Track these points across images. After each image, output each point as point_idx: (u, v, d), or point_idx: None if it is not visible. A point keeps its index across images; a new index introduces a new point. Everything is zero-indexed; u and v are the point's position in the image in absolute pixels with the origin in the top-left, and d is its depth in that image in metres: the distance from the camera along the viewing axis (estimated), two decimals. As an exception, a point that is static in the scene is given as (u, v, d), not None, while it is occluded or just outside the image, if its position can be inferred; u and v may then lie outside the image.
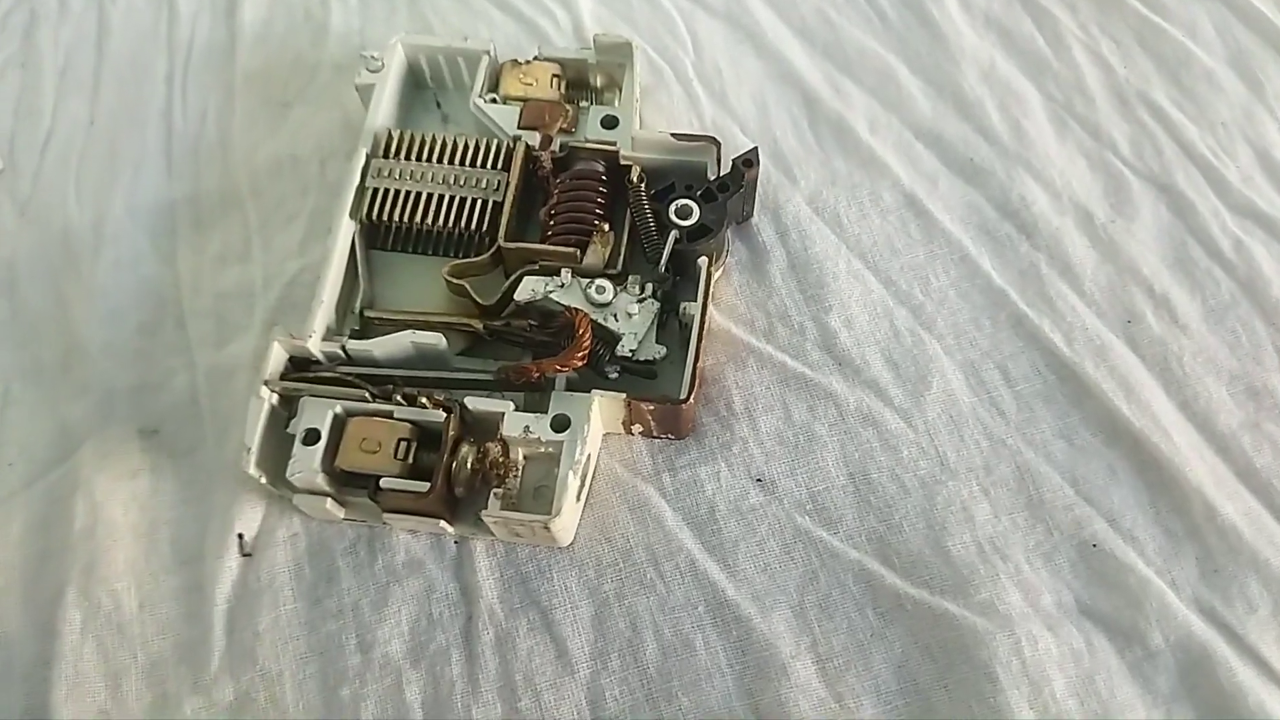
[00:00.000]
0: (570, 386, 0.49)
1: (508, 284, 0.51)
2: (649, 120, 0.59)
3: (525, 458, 0.49)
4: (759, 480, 0.50)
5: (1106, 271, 0.55)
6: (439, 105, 0.59)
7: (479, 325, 0.51)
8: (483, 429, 0.49)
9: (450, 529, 0.49)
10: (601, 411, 0.48)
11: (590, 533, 0.49)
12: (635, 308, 0.49)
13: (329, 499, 0.48)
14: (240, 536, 0.50)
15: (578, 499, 0.48)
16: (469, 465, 0.47)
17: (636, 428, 0.50)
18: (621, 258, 0.51)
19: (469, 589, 0.48)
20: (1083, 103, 0.60)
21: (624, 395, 0.47)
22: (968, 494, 0.50)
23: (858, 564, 0.48)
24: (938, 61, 0.61)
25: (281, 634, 0.48)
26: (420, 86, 0.60)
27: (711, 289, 0.50)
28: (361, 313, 0.52)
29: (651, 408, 0.48)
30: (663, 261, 0.50)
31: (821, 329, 0.53)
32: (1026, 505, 0.49)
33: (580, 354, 0.48)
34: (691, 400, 0.47)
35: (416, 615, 0.48)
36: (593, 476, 0.50)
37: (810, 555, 0.49)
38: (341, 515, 0.49)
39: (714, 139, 0.52)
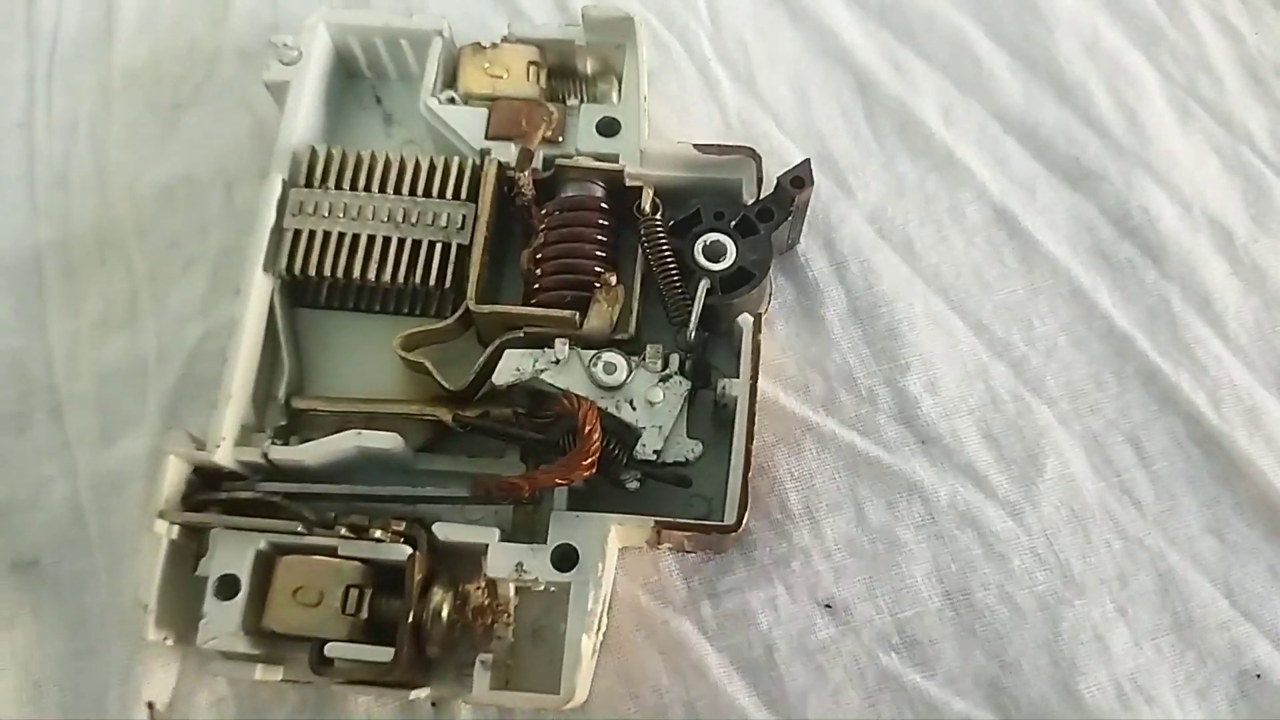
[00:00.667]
0: (575, 500, 0.37)
1: (483, 359, 0.38)
2: (654, 115, 0.45)
3: (517, 592, 0.37)
4: (828, 606, 0.39)
5: (1252, 306, 0.43)
6: (379, 101, 0.46)
7: (446, 416, 0.38)
8: (458, 559, 0.37)
9: (423, 693, 0.37)
10: (619, 535, 0.36)
11: (610, 686, 0.38)
12: (658, 392, 0.36)
13: (258, 664, 0.36)
14: (150, 706, 0.38)
15: (592, 654, 0.36)
16: (444, 616, 0.35)
17: (664, 544, 0.38)
18: (635, 317, 0.39)
19: (452, 770, 0.37)
20: (1208, 82, 0.47)
21: (652, 521, 0.35)
22: (1100, 616, 0.39)
23: (964, 718, 0.37)
24: (1026, 29, 0.48)
25: (209, 841, 0.37)
26: (354, 75, 0.46)
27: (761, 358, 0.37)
28: (288, 402, 0.39)
29: (688, 536, 0.36)
30: (692, 324, 0.38)
31: (897, 395, 0.41)
32: (1173, 626, 0.39)
33: (588, 460, 0.35)
34: (745, 524, 0.35)
35: (385, 809, 0.37)
36: (607, 607, 0.38)
37: (901, 708, 0.38)
38: (279, 676, 0.38)
39: (752, 150, 0.40)
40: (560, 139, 0.41)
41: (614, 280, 0.37)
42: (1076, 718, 0.37)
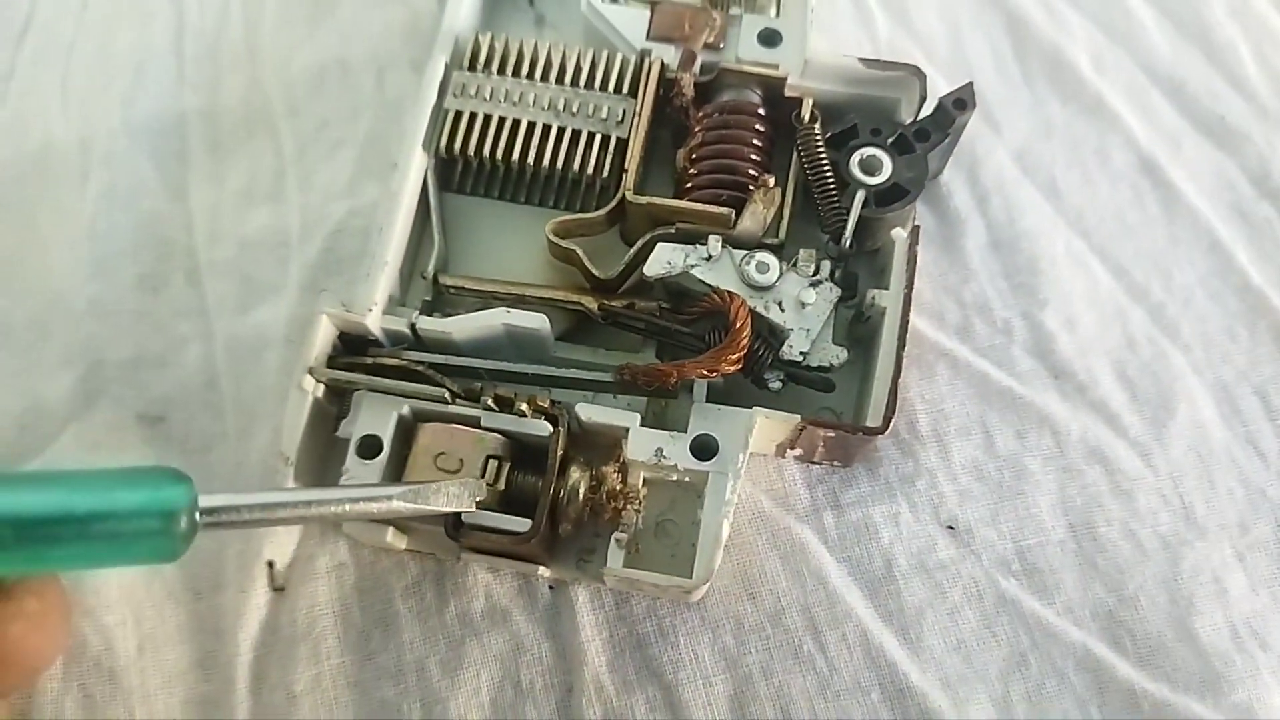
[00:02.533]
0: (713, 396, 0.38)
1: (633, 252, 0.40)
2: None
3: (645, 483, 0.39)
4: (950, 528, 0.40)
5: (1395, 269, 0.44)
6: (531, 3, 0.47)
7: (592, 305, 0.40)
8: (592, 446, 0.39)
9: (546, 572, 0.39)
10: (762, 429, 0.38)
11: (728, 585, 0.39)
12: (811, 294, 0.38)
13: (390, 527, 0.38)
14: (270, 565, 0.40)
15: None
16: (581, 495, 0.37)
17: (795, 451, 0.40)
18: (784, 224, 0.40)
19: (569, 651, 0.38)
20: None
21: (797, 417, 0.37)
22: (1219, 560, 0.40)
23: (1080, 647, 0.38)
24: (1177, -15, 0.49)
25: (325, 697, 0.38)
26: (508, -23, 0.48)
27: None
28: (435, 279, 0.41)
29: (832, 435, 0.37)
30: (847, 232, 0.39)
31: (1034, 329, 0.42)
32: (1293, 576, 0.39)
33: (736, 355, 0.37)
34: (891, 427, 0.36)
35: (500, 682, 0.38)
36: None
37: (1018, 632, 0.38)
38: (403, 546, 0.39)
39: (916, 69, 0.41)
40: (721, 46, 0.42)
41: (772, 182, 0.39)
42: (1191, 655, 0.38)
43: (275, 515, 0.30)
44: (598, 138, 0.41)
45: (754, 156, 0.40)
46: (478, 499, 0.35)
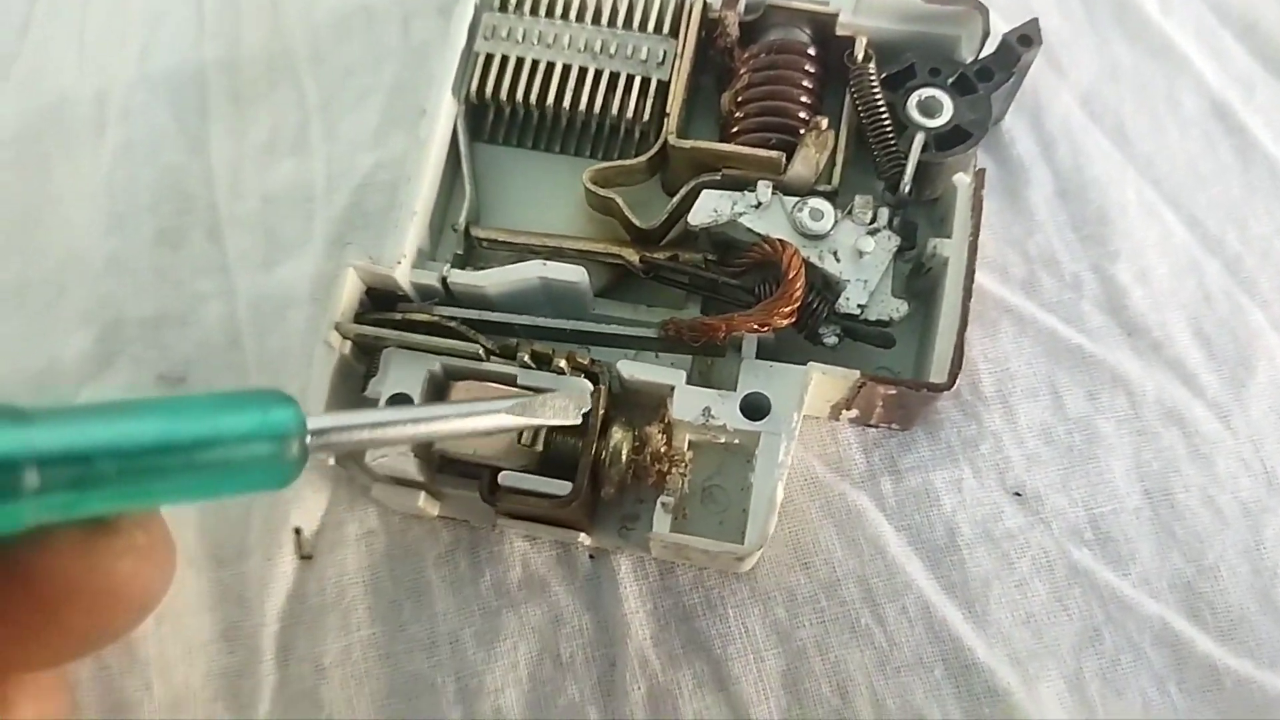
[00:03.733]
0: (763, 353, 0.35)
1: (677, 200, 0.36)
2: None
3: (690, 445, 0.35)
4: (1018, 494, 0.36)
5: None
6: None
7: (633, 257, 0.36)
8: (634, 406, 0.35)
9: (586, 540, 0.36)
10: (818, 387, 0.34)
11: (780, 554, 0.36)
12: (869, 242, 0.34)
13: (422, 491, 0.35)
14: (297, 532, 0.37)
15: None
16: (623, 458, 0.34)
17: (850, 413, 0.36)
18: (837, 170, 0.36)
19: (611, 624, 0.35)
20: None
21: (856, 373, 0.33)
22: (1306, 527, 0.36)
23: (1157, 620, 0.35)
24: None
25: (355, 669, 0.35)
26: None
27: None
28: (467, 230, 0.37)
29: (893, 393, 0.33)
30: (906, 177, 0.35)
31: (1105, 282, 0.39)
32: (1384, 547, 0.36)
33: (789, 307, 0.33)
34: (957, 384, 0.33)
35: (539, 656, 0.35)
36: (782, 474, 0.36)
37: (1091, 605, 0.35)
38: (435, 512, 0.36)
39: (980, 4, 0.37)
40: (768, -19, 0.39)
41: (825, 124, 0.35)
42: (1275, 628, 0.34)
43: (383, 435, 0.27)
44: (637, 80, 0.37)
45: (804, 99, 0.37)
46: (584, 411, 0.32)
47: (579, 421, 0.32)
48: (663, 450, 0.34)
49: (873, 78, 0.36)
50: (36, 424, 0.20)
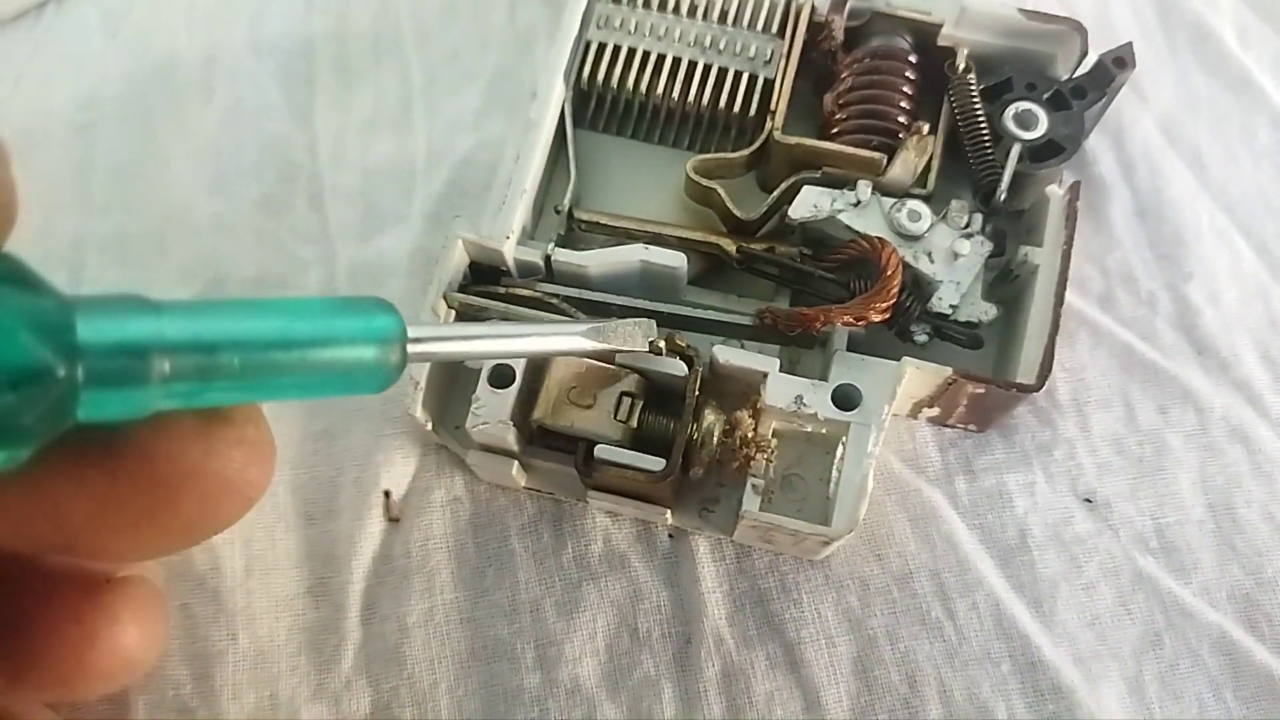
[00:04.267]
0: (852, 347, 0.36)
1: (777, 194, 0.37)
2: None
3: (775, 434, 0.36)
4: (1088, 501, 0.37)
5: None
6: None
7: (730, 247, 0.37)
8: (723, 392, 0.36)
9: (668, 518, 0.36)
10: (910, 381, 0.35)
11: (854, 544, 0.36)
12: (965, 244, 0.35)
13: (514, 461, 0.35)
14: (387, 495, 0.37)
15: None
16: (715, 440, 0.34)
17: (930, 411, 0.37)
18: (932, 175, 0.37)
19: (688, 602, 0.36)
20: None
21: (949, 370, 0.34)
22: (1363, 546, 0.37)
23: (1216, 628, 0.35)
24: (1326, -38, 0.46)
25: (437, 631, 0.35)
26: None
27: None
28: (570, 212, 0.38)
29: (981, 390, 0.34)
30: (1003, 185, 0.36)
31: (1179, 302, 0.39)
32: None
33: (885, 303, 0.34)
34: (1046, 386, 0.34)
35: (617, 629, 0.35)
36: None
37: (1153, 610, 0.36)
38: (523, 483, 0.37)
39: (1079, 24, 0.38)
40: (873, -10, 0.39)
41: (925, 129, 0.36)
42: (1335, 645, 0.35)
43: (471, 348, 0.28)
44: (744, 76, 0.38)
45: (904, 104, 0.37)
46: (650, 339, 0.33)
47: (644, 349, 0.33)
48: (751, 435, 0.35)
49: (972, 88, 0.37)
50: (166, 314, 0.21)
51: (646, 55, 0.38)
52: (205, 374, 0.21)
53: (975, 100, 0.37)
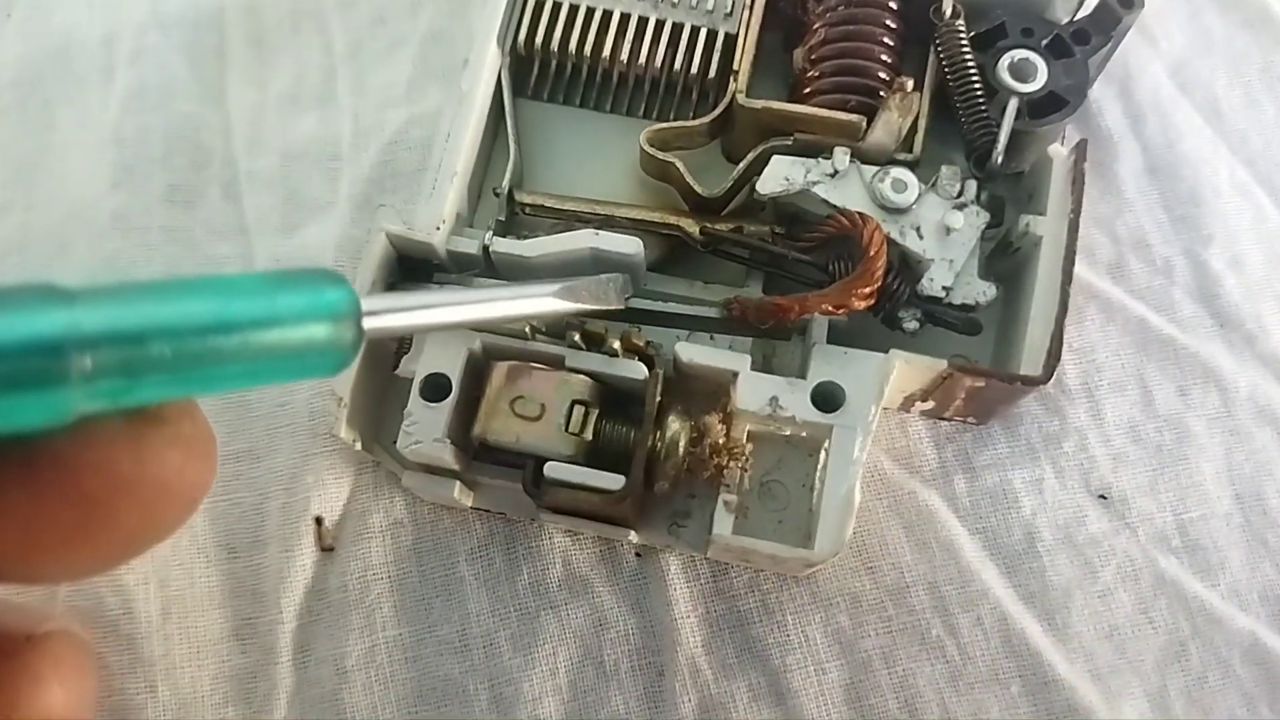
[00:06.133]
0: (834, 338, 0.30)
1: (743, 166, 0.31)
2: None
3: (750, 437, 0.31)
4: (1103, 497, 0.32)
5: None
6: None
7: (692, 228, 0.32)
8: (689, 393, 0.31)
9: (634, 537, 0.31)
10: (900, 376, 0.30)
11: (843, 557, 0.31)
12: (958, 217, 0.30)
13: (456, 480, 0.30)
14: (318, 521, 0.32)
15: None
16: (680, 450, 0.29)
17: (924, 405, 0.32)
18: (919, 138, 0.32)
19: (659, 629, 0.31)
20: None
21: (944, 362, 0.29)
22: None
23: (1248, 635, 0.31)
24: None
25: (379, 672, 0.31)
26: None
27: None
28: (510, 196, 0.33)
29: (980, 385, 0.29)
30: (999, 147, 0.31)
31: (1197, 269, 0.34)
32: None
33: (869, 288, 0.29)
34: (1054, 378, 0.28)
35: (580, 662, 0.31)
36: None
37: (1178, 618, 0.31)
38: (469, 503, 0.32)
39: (1078, -39, 0.32)
40: (844, -72, 0.34)
41: (909, 85, 0.30)
42: (1381, 649, 0.31)
43: (435, 317, 0.25)
44: (702, 33, 0.32)
45: (885, 57, 0.32)
46: (627, 297, 0.30)
47: (621, 307, 0.29)
48: (722, 442, 0.30)
49: (962, 36, 0.31)
50: (82, 303, 0.18)
51: (591, 12, 0.33)
52: (133, 368, 0.18)
53: (965, 50, 0.31)
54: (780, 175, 0.31)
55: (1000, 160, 0.31)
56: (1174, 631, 0.31)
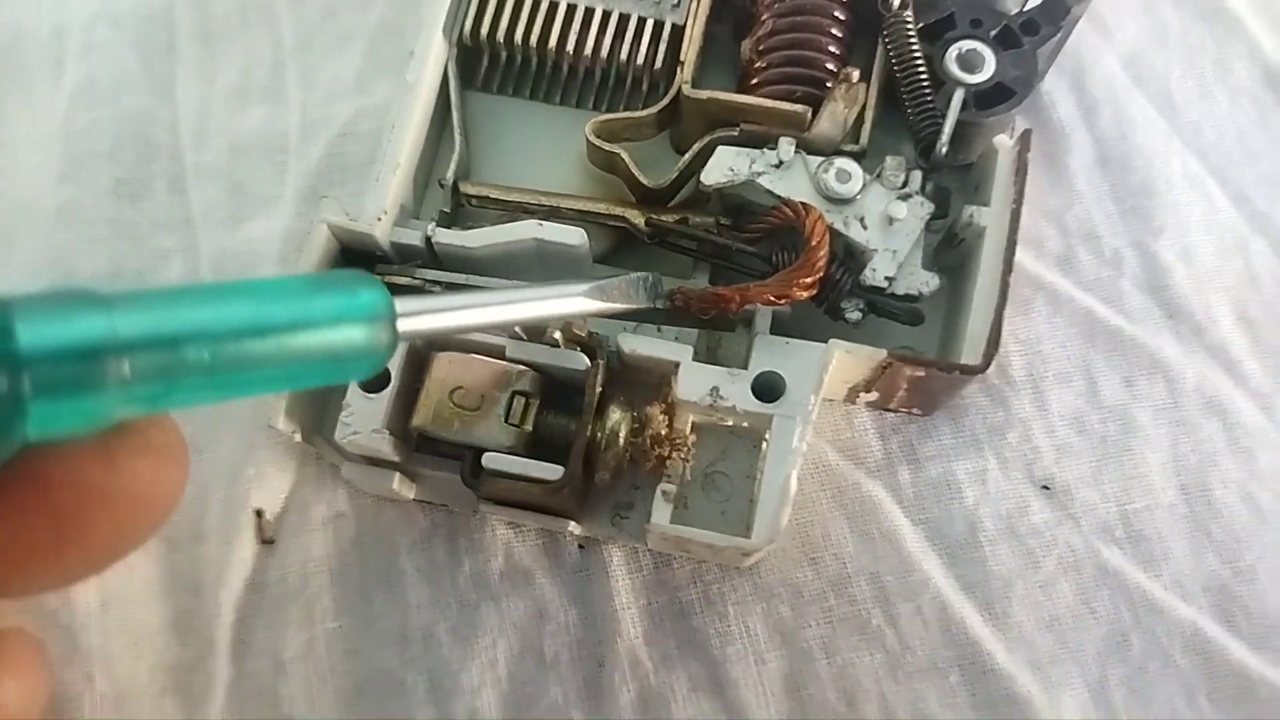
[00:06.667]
0: (777, 329, 0.31)
1: (688, 157, 0.32)
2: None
3: (693, 428, 0.31)
4: (1046, 488, 0.32)
5: None
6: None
7: (638, 220, 0.32)
8: (633, 384, 0.31)
9: (576, 529, 0.31)
10: (840, 366, 0.30)
11: (785, 548, 0.32)
12: (901, 208, 0.30)
13: (397, 472, 0.31)
14: (259, 514, 0.32)
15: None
16: (621, 441, 0.29)
17: (869, 396, 0.32)
18: (865, 129, 0.32)
19: (600, 620, 0.31)
20: None
21: (883, 352, 0.29)
22: (1351, 529, 0.32)
23: (1189, 625, 0.31)
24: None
25: (318, 665, 0.31)
26: None
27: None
28: (455, 187, 0.33)
29: (921, 374, 0.29)
30: (944, 137, 0.31)
31: (1146, 261, 0.34)
32: None
33: (810, 278, 0.29)
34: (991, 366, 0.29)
35: (519, 653, 0.31)
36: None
37: (1119, 608, 0.31)
38: (411, 495, 0.32)
39: (1026, -50, 0.32)
40: (791, -80, 0.34)
41: (855, 76, 0.31)
42: (1320, 639, 0.31)
43: (469, 318, 0.25)
44: (649, 24, 0.33)
45: (832, 48, 0.32)
46: (658, 296, 0.30)
47: (650, 306, 0.30)
48: (664, 433, 0.30)
49: (909, 27, 0.32)
50: (119, 308, 0.18)
51: (539, 3, 0.33)
52: (171, 372, 0.18)
53: (913, 41, 0.32)
54: (725, 166, 0.31)
55: (945, 151, 0.31)
56: (1115, 622, 0.31)
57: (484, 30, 0.33)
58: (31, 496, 0.19)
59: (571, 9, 0.33)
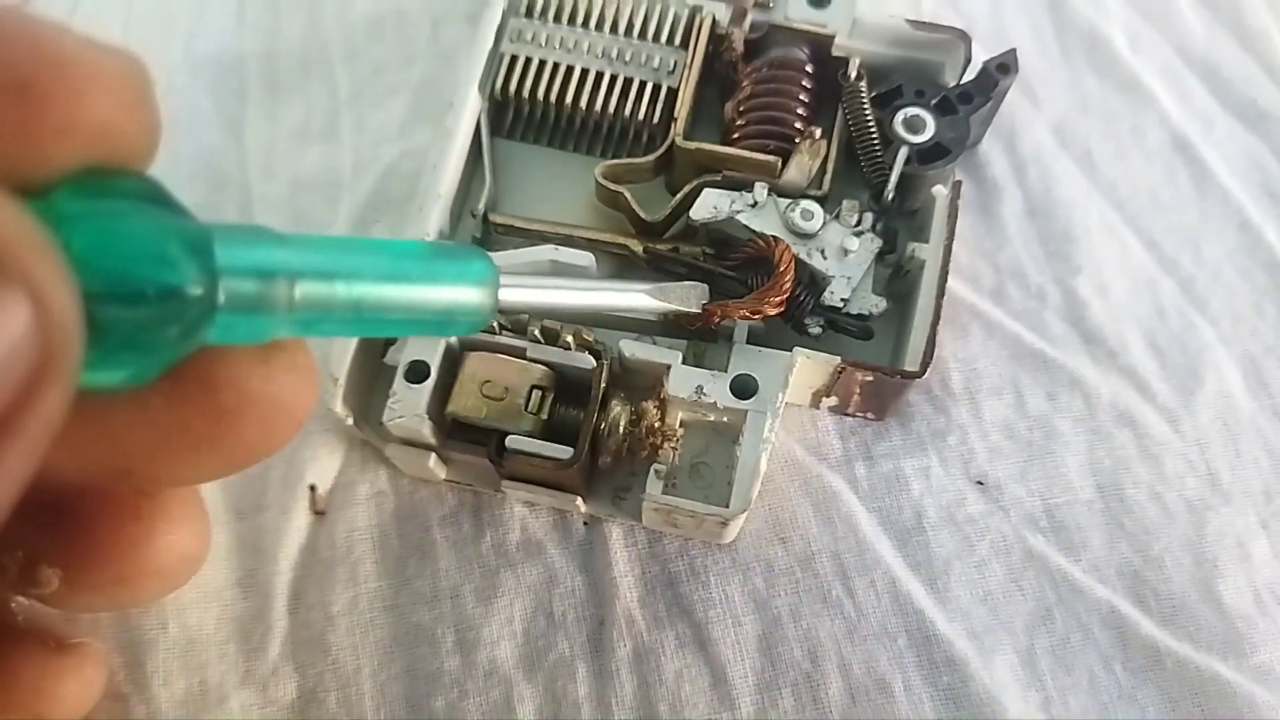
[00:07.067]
0: (752, 340, 0.37)
1: (680, 196, 0.38)
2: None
3: (683, 424, 0.37)
4: (980, 483, 0.38)
5: None
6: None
7: (637, 247, 0.38)
8: (632, 386, 0.37)
9: (582, 506, 0.37)
10: (802, 370, 0.36)
11: (759, 529, 0.38)
12: (854, 241, 0.36)
13: (432, 454, 0.37)
14: (312, 489, 0.38)
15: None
16: (620, 430, 0.35)
17: (830, 400, 0.38)
18: (827, 178, 0.39)
19: (601, 585, 0.37)
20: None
21: (838, 358, 0.35)
22: (1243, 526, 0.38)
23: (1105, 604, 0.37)
24: (1212, -29, 0.48)
25: (361, 619, 0.37)
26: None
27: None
28: (485, 217, 0.39)
29: (870, 378, 0.35)
30: (890, 185, 0.37)
31: (1067, 295, 0.41)
32: (1316, 547, 0.38)
33: (779, 297, 0.35)
34: (928, 373, 0.35)
35: (533, 612, 0.37)
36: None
37: (1044, 587, 0.37)
38: (443, 475, 0.38)
39: (963, 32, 0.39)
40: (771, 4, 0.41)
41: (819, 133, 0.37)
42: (1213, 616, 0.36)
43: (550, 299, 0.30)
44: (649, 86, 0.40)
45: (800, 110, 0.39)
46: (704, 302, 0.35)
47: (698, 310, 0.35)
48: (657, 424, 0.36)
49: (863, 95, 0.38)
50: (294, 245, 0.21)
51: (558, 67, 0.40)
52: (327, 305, 0.21)
53: (866, 107, 0.38)
54: (710, 204, 0.37)
55: (892, 197, 0.38)
56: (1041, 599, 0.37)
57: (512, 87, 0.40)
58: (199, 391, 0.22)
59: (585, 72, 0.40)
